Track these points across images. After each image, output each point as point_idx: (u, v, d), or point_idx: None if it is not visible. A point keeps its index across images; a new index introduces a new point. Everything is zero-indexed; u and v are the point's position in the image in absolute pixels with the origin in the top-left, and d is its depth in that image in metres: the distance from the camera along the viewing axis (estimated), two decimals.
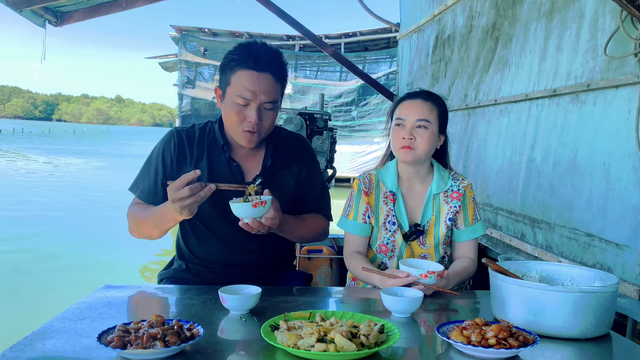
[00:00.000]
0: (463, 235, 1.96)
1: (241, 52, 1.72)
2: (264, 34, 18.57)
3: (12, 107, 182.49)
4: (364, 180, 1.97)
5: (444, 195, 1.95)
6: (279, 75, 1.75)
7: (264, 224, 1.61)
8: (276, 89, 1.75)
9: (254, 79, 1.70)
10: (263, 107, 1.74)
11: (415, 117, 1.87)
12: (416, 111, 1.88)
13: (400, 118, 1.90)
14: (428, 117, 1.88)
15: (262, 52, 1.72)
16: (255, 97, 1.71)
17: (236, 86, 1.71)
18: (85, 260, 6.61)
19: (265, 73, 1.71)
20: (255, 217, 1.59)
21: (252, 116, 1.72)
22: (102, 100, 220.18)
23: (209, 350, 1.18)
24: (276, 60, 1.75)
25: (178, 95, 18.51)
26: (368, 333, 1.18)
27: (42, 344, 1.19)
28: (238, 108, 1.73)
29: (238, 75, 1.71)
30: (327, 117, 4.44)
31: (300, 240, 2.03)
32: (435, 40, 4.57)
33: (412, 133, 1.87)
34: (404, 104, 1.93)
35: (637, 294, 1.89)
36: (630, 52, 1.95)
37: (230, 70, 1.73)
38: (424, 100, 1.91)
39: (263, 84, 1.71)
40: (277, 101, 1.77)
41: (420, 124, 1.87)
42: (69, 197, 12.17)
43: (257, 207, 1.55)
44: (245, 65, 1.70)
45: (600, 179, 2.17)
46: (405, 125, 1.88)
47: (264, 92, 1.71)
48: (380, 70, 17.04)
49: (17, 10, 3.77)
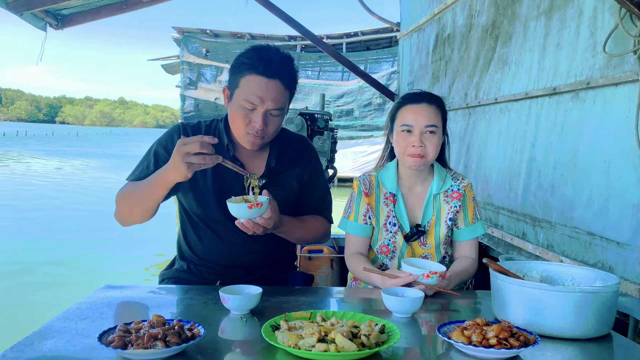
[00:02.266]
0: (463, 235, 1.96)
1: (252, 56, 1.71)
2: (266, 34, 18.59)
3: (16, 110, 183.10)
4: (364, 181, 1.97)
5: (444, 195, 1.95)
6: (288, 83, 1.74)
7: (259, 225, 1.61)
8: (284, 96, 1.75)
9: (262, 84, 1.69)
10: (269, 113, 1.73)
11: (424, 123, 1.85)
12: (424, 117, 1.85)
13: (407, 124, 1.87)
14: (435, 122, 1.86)
15: (274, 58, 1.71)
16: (262, 102, 1.70)
17: (244, 90, 1.71)
18: (86, 260, 6.63)
19: (274, 80, 1.70)
20: (251, 218, 1.59)
21: (258, 121, 1.71)
22: (106, 102, 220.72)
23: (209, 351, 1.18)
24: (287, 67, 1.75)
25: (180, 97, 18.55)
26: (369, 333, 1.19)
27: (42, 344, 1.19)
28: (244, 112, 1.72)
29: (247, 79, 1.71)
30: (327, 117, 4.45)
31: (300, 241, 2.03)
32: (435, 39, 4.57)
33: (422, 140, 1.84)
34: (408, 109, 1.89)
35: (639, 292, 1.89)
36: (630, 50, 1.94)
37: (240, 73, 1.72)
38: (428, 104, 1.89)
39: (272, 91, 1.70)
40: (284, 108, 1.77)
41: (429, 130, 1.85)
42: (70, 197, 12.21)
43: (252, 208, 1.55)
44: (255, 70, 1.69)
45: (601, 178, 2.17)
46: (413, 131, 1.85)
47: (272, 98, 1.70)
48: (382, 70, 17.02)
49: (18, 14, 3.78)
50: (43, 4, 3.76)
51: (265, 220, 1.60)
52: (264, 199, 1.59)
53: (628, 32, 1.94)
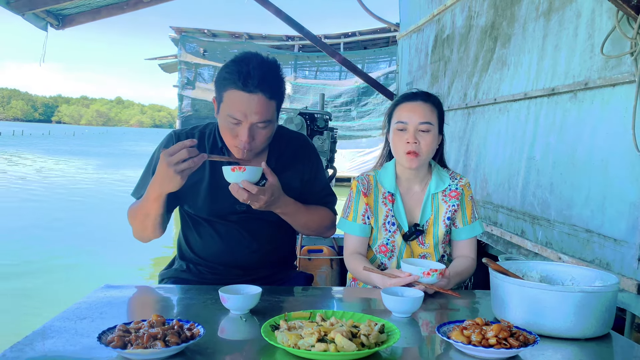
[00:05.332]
0: (462, 234, 1.96)
1: (232, 70, 1.67)
2: (264, 34, 18.56)
3: (12, 109, 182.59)
4: (362, 181, 1.97)
5: (442, 195, 1.95)
6: (272, 93, 1.70)
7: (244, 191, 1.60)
8: (268, 108, 1.70)
9: (244, 100, 1.66)
10: (256, 126, 1.71)
11: (418, 120, 1.84)
12: (418, 114, 1.85)
13: (402, 121, 1.86)
14: (430, 119, 1.85)
15: (253, 71, 1.65)
16: (245, 117, 1.67)
17: (228, 105, 1.69)
18: (86, 260, 6.63)
19: (256, 94, 1.65)
20: (237, 182, 1.59)
21: (244, 136, 1.69)
22: (102, 101, 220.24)
23: (209, 350, 1.18)
24: (268, 78, 1.68)
25: (178, 97, 18.51)
26: (368, 333, 1.18)
27: (42, 344, 1.19)
28: (230, 126, 1.71)
29: (229, 95, 1.68)
30: (327, 117, 4.44)
31: (306, 229, 1.97)
32: (434, 40, 4.58)
33: (416, 137, 1.84)
34: (403, 106, 1.90)
35: (636, 288, 1.90)
36: (627, 52, 1.95)
37: (223, 87, 1.70)
38: (423, 101, 1.88)
39: (254, 105, 1.66)
40: (270, 119, 1.73)
41: (423, 127, 1.84)
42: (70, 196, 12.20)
43: (234, 171, 1.57)
44: (235, 85, 1.66)
45: (599, 176, 2.18)
46: (407, 128, 1.85)
47: (255, 112, 1.67)
48: (379, 69, 17.02)
49: (20, 14, 3.78)
50: (45, 4, 3.76)
51: (249, 184, 1.59)
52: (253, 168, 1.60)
53: (625, 34, 1.95)
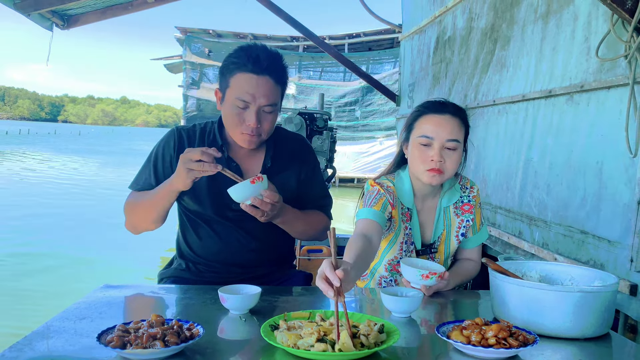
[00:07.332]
0: (471, 243, 1.93)
1: (240, 55, 1.74)
2: (268, 35, 18.61)
3: (19, 108, 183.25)
4: (388, 190, 1.80)
5: (454, 207, 1.87)
6: (278, 78, 1.76)
7: (267, 203, 1.61)
8: (275, 92, 1.77)
9: (253, 82, 1.72)
10: (262, 110, 1.75)
11: (446, 136, 1.70)
12: (446, 130, 1.70)
13: (427, 136, 1.71)
14: (458, 137, 1.71)
15: (262, 55, 1.73)
16: (254, 100, 1.72)
17: (235, 89, 1.73)
18: (85, 259, 6.64)
19: (264, 76, 1.72)
20: (256, 195, 1.59)
21: (252, 119, 1.74)
22: (108, 101, 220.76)
23: (208, 350, 1.18)
24: (276, 63, 1.76)
25: (183, 97, 18.58)
26: (368, 333, 1.19)
27: (41, 344, 1.19)
28: (237, 111, 1.74)
29: (237, 78, 1.73)
30: (327, 116, 4.45)
31: (302, 235, 1.98)
32: (436, 41, 4.59)
33: (441, 154, 1.70)
34: (429, 119, 1.74)
35: (628, 289, 1.91)
36: (621, 54, 1.96)
37: (230, 73, 1.75)
38: (452, 115, 1.73)
39: (262, 87, 1.72)
40: (276, 104, 1.78)
41: (451, 145, 1.70)
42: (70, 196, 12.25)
43: (255, 182, 1.57)
44: (245, 68, 1.72)
45: (594, 178, 2.19)
46: (433, 145, 1.71)
47: (263, 95, 1.73)
48: (384, 71, 17.01)
49: (26, 14, 3.81)
50: (50, 4, 3.79)
51: (271, 195, 1.60)
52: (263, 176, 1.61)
53: (620, 37, 1.96)
